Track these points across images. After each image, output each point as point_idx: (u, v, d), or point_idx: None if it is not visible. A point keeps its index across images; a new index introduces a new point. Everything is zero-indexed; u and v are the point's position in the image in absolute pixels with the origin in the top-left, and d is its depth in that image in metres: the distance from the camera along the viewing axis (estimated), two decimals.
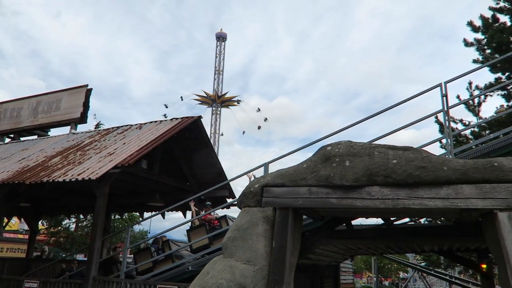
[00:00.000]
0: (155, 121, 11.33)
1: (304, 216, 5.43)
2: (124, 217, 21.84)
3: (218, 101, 56.00)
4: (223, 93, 56.84)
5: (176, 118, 10.91)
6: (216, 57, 58.81)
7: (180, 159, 11.96)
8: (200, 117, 11.00)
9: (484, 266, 9.14)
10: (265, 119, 56.47)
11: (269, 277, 4.13)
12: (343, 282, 16.48)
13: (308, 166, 4.46)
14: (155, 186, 11.12)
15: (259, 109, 56.08)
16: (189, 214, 12.77)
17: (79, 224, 23.91)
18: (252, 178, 7.77)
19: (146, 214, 14.13)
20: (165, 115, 52.99)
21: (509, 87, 12.65)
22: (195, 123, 10.83)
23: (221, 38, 59.55)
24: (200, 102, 55.78)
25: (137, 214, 17.64)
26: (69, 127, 13.85)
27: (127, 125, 12.03)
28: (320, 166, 4.35)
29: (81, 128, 14.11)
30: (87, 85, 14.08)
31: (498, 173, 3.64)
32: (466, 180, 3.73)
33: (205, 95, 55.86)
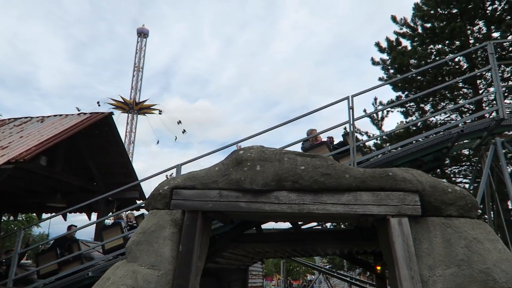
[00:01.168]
0: (60, 115, 10.45)
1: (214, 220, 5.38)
2: (20, 218, 19.87)
3: (135, 107, 53.16)
4: (141, 95, 54.25)
5: (85, 113, 10.19)
6: (136, 53, 56.34)
7: (87, 157, 11.18)
8: (111, 113, 10.43)
9: (378, 268, 10.04)
10: (179, 122, 54.84)
11: (173, 282, 4.00)
12: (253, 285, 16.80)
13: (220, 169, 4.44)
14: (56, 186, 10.23)
15: (160, 112, 54.00)
16: (94, 215, 12.02)
17: None
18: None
19: (45, 216, 12.98)
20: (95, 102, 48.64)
21: (407, 105, 14.03)
22: (105, 120, 10.23)
23: (142, 34, 57.22)
24: (114, 107, 52.11)
25: (35, 215, 16.07)
26: None
27: (27, 117, 10.92)
28: (232, 170, 4.35)
29: None
30: None
31: (392, 182, 3.96)
32: (365, 187, 4.01)
33: (122, 100, 52.39)
